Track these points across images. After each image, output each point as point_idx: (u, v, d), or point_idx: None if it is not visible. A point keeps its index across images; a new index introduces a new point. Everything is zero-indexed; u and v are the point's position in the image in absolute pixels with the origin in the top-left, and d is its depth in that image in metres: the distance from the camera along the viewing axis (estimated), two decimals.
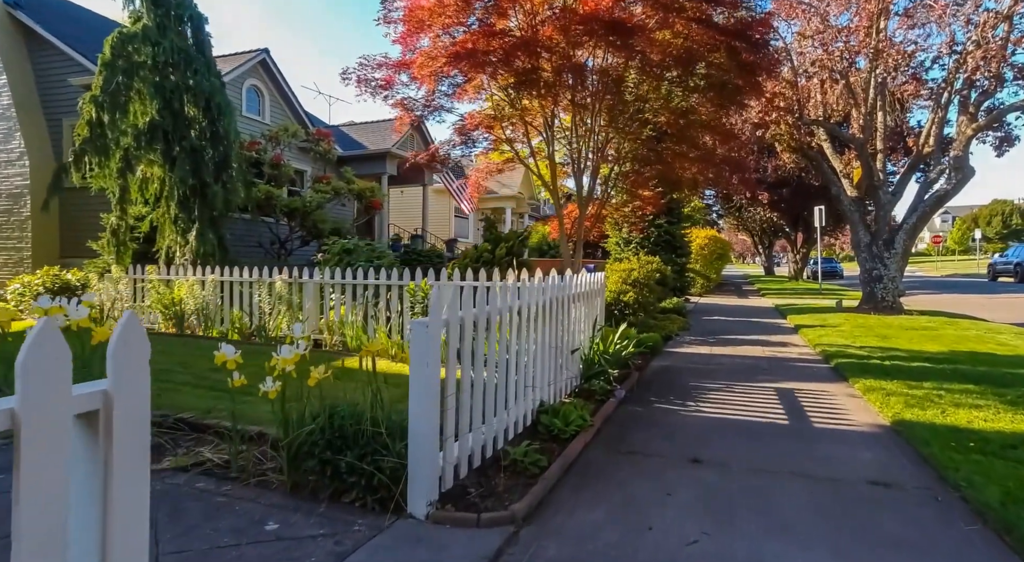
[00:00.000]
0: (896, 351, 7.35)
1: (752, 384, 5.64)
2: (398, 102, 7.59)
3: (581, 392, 5.00)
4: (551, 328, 4.36)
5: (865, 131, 12.29)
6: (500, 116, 7.25)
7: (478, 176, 8.46)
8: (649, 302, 9.17)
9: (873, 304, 12.12)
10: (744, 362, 6.94)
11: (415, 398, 2.60)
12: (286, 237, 12.73)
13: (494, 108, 7.38)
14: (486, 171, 8.47)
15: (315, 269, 7.37)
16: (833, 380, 5.91)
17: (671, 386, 5.56)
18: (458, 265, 6.94)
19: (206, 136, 9.01)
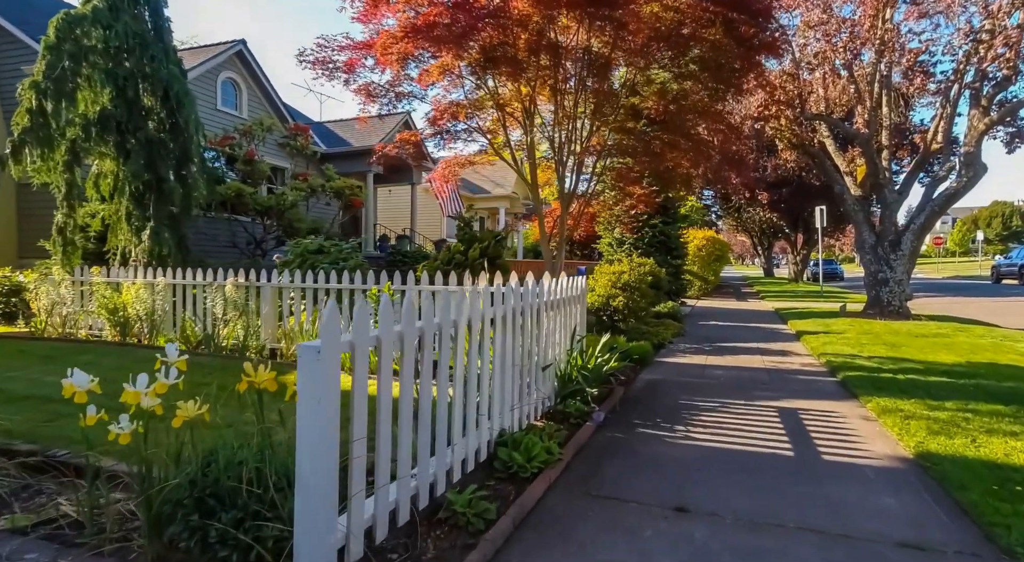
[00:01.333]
0: (908, 362, 6.72)
1: (750, 402, 5.01)
2: (361, 88, 6.95)
3: (554, 414, 4.36)
4: (515, 343, 3.72)
5: (870, 126, 11.67)
6: (470, 102, 6.59)
7: (446, 169, 7.78)
8: (640, 307, 8.54)
9: (879, 308, 11.49)
10: (742, 374, 6.31)
11: (304, 447, 1.96)
12: (261, 237, 12.09)
13: (466, 94, 6.72)
14: (455, 163, 7.78)
15: (274, 271, 6.74)
16: (841, 397, 5.28)
17: (659, 405, 4.92)
18: (427, 268, 6.30)
19: (165, 127, 8.37)
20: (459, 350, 2.95)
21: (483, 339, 3.27)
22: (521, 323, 3.89)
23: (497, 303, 3.44)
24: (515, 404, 3.73)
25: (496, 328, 3.43)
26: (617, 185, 8.46)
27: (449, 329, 2.85)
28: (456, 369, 2.95)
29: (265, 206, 11.04)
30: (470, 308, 3.11)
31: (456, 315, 2.94)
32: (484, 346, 3.28)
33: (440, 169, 7.79)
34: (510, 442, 3.40)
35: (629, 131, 6.77)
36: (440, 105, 6.77)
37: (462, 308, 2.97)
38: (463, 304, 2.97)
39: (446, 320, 2.81)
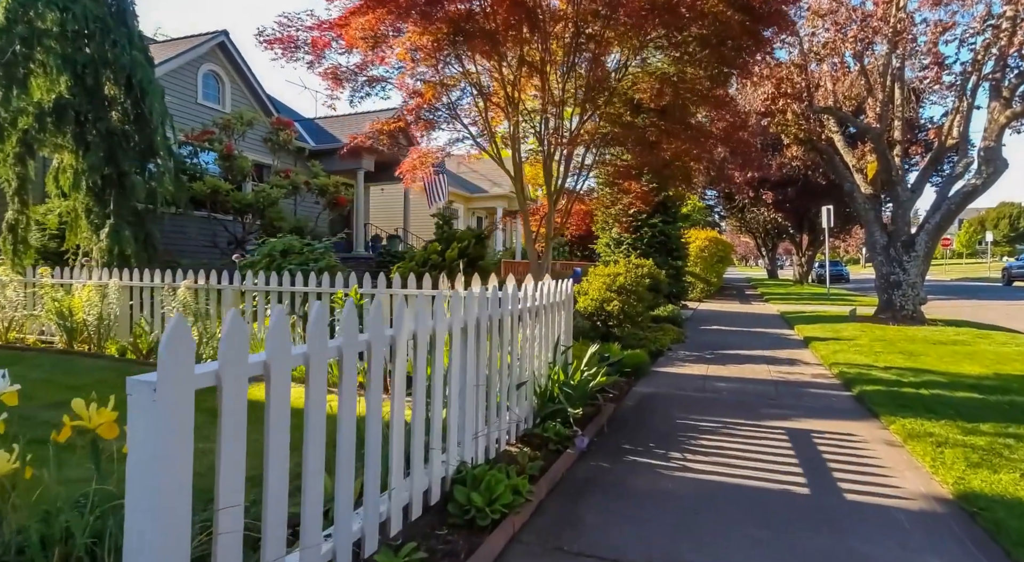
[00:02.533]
0: (930, 374, 6.12)
1: (757, 422, 4.43)
2: (328, 71, 6.39)
3: (531, 439, 3.79)
4: (480, 359, 3.15)
5: (882, 120, 11.06)
6: (442, 83, 5.97)
7: (415, 160, 7.16)
8: (637, 312, 7.96)
9: (891, 313, 10.88)
10: (746, 387, 5.73)
11: (136, 523, 1.39)
12: (242, 236, 11.55)
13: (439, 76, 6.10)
14: (426, 153, 7.18)
15: (236, 273, 6.19)
16: (859, 416, 4.69)
17: (653, 425, 4.34)
18: (399, 270, 5.75)
19: (129, 118, 7.84)
20: (397, 372, 2.38)
21: (434, 356, 2.70)
22: (490, 335, 3.32)
23: (455, 313, 2.87)
24: (480, 431, 3.16)
25: (454, 343, 2.86)
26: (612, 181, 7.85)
27: (382, 347, 2.28)
28: (394, 396, 2.38)
29: (244, 204, 10.49)
30: (416, 321, 2.54)
31: (394, 330, 2.37)
32: (437, 365, 2.71)
33: (410, 160, 7.18)
34: (470, 479, 2.83)
35: (622, 120, 6.13)
36: (408, 87, 6.17)
37: (401, 321, 2.40)
38: (401, 316, 2.40)
39: (379, 336, 2.24)
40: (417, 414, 2.53)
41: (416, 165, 6.90)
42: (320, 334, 1.94)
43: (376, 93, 6.77)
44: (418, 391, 2.53)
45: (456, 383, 2.88)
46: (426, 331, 2.58)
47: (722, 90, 6.42)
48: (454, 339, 2.86)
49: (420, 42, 5.27)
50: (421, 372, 2.55)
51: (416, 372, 2.53)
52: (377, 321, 2.23)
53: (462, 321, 2.97)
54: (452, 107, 6.50)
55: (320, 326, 1.97)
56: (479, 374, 3.16)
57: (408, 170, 6.92)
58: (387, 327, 2.37)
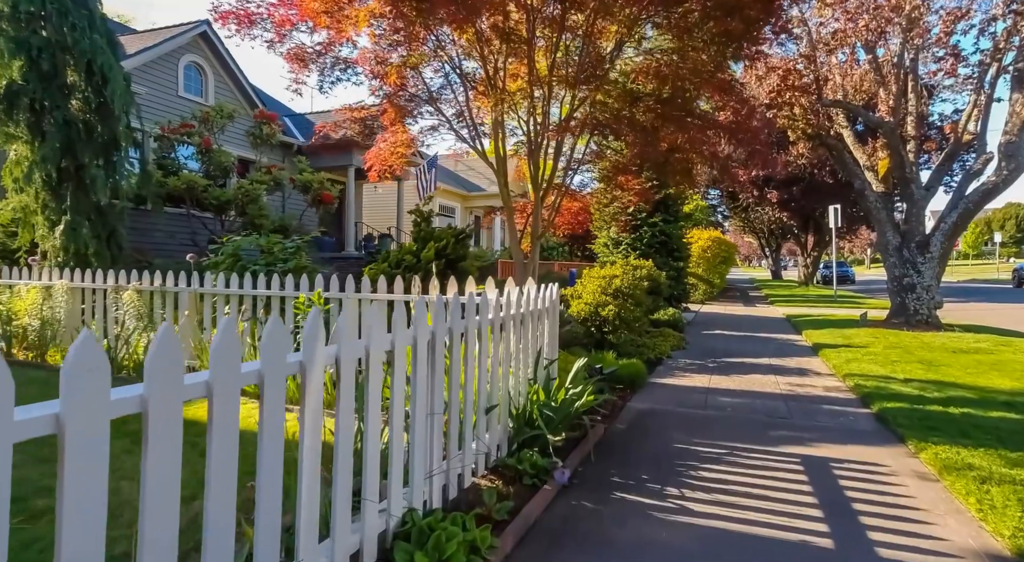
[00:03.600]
0: (956, 387, 5.56)
1: (766, 448, 3.87)
2: (293, 53, 5.83)
3: (504, 471, 3.24)
4: (435, 382, 2.61)
5: (895, 114, 10.48)
6: (410, 61, 5.39)
7: (382, 150, 6.53)
8: (635, 317, 7.40)
9: (904, 318, 10.30)
10: (754, 403, 5.17)
11: None
12: (222, 234, 11.02)
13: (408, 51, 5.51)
14: (397, 143, 6.57)
15: (193, 274, 5.66)
16: (883, 440, 4.13)
17: (648, 452, 3.79)
18: (370, 272, 5.22)
19: (91, 107, 7.32)
20: (308, 405, 1.84)
21: (367, 382, 2.16)
22: (450, 352, 2.79)
23: (397, 328, 2.33)
24: (435, 469, 2.62)
25: (396, 365, 2.32)
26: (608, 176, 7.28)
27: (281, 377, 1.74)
28: (304, 438, 1.83)
29: (223, 200, 9.97)
30: (340, 341, 2.00)
31: (305, 356, 1.82)
32: (371, 393, 2.16)
33: (376, 149, 6.58)
34: (416, 533, 2.29)
35: (616, 106, 5.52)
36: (372, 65, 5.56)
37: (315, 344, 1.85)
38: (315, 337, 1.85)
39: (270, 364, 1.70)
40: (340, 459, 1.99)
41: (386, 156, 6.29)
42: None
43: (348, 78, 6.22)
44: (342, 429, 1.99)
45: (399, 414, 2.34)
46: (352, 355, 2.03)
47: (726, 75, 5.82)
48: (396, 360, 2.32)
49: (382, 10, 4.68)
50: (345, 403, 2.01)
51: (339, 404, 1.99)
52: (280, 346, 1.69)
53: (409, 338, 2.43)
54: (428, 90, 5.93)
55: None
56: (434, 400, 2.61)
57: (375, 160, 6.32)
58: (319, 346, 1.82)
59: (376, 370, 2.17)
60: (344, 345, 1.99)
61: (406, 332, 2.41)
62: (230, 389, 1.54)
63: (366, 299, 5.00)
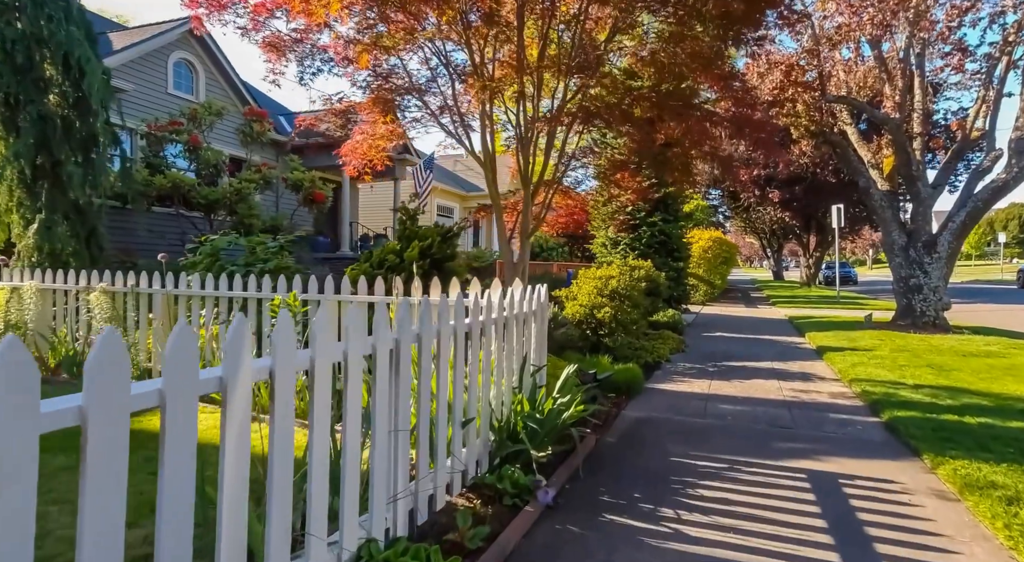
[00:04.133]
0: (970, 394, 5.27)
1: (770, 462, 3.59)
2: (268, 42, 5.54)
3: (483, 489, 2.97)
4: (399, 395, 2.34)
5: (901, 110, 10.19)
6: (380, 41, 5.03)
7: (357, 143, 6.16)
8: (632, 319, 7.13)
9: (911, 319, 10.01)
10: (756, 411, 4.89)
11: None
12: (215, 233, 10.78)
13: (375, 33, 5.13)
14: (374, 135, 6.22)
15: (169, 275, 5.40)
16: (895, 453, 3.85)
17: (642, 466, 3.51)
18: (351, 272, 4.95)
19: (69, 102, 7.06)
20: (231, 427, 1.56)
21: (313, 397, 1.88)
22: (419, 361, 2.52)
23: (352, 334, 2.05)
24: (399, 492, 2.35)
25: (347, 379, 2.04)
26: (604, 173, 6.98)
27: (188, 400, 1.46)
28: (226, 466, 1.56)
29: (211, 199, 9.71)
30: (275, 352, 1.72)
31: (226, 371, 1.55)
32: (318, 410, 1.89)
33: (352, 142, 6.20)
34: None
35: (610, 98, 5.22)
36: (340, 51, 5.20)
37: (236, 358, 1.57)
38: (237, 349, 1.57)
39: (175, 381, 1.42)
40: (276, 486, 1.71)
41: (364, 150, 5.95)
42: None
43: (329, 69, 5.90)
44: (278, 451, 1.71)
45: (354, 432, 2.06)
46: (290, 368, 1.76)
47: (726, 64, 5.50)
48: (350, 370, 2.04)
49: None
50: (282, 424, 1.73)
51: (273, 424, 1.71)
52: (185, 361, 1.42)
53: (366, 346, 2.15)
54: (408, 77, 5.61)
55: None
56: (398, 417, 2.34)
57: (351, 154, 5.99)
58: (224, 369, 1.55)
59: (323, 383, 1.90)
60: (280, 358, 1.72)
61: (364, 340, 2.14)
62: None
63: (345, 301, 4.73)
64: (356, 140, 6.09)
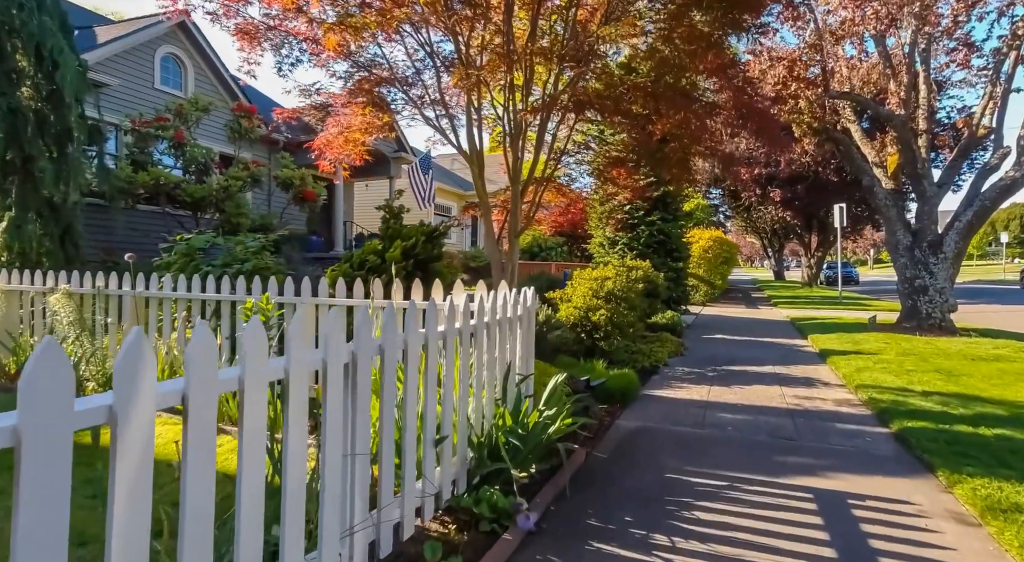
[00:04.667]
0: (983, 403, 5.00)
1: (773, 480, 3.33)
2: (240, 28, 5.24)
3: (458, 513, 2.71)
4: (353, 416, 2.07)
5: (906, 106, 9.92)
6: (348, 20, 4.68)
7: (331, 136, 5.79)
8: (628, 322, 6.87)
9: (916, 321, 9.74)
10: (757, 421, 4.63)
11: None
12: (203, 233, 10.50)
13: None
14: (347, 127, 5.83)
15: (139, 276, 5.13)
16: (908, 469, 3.58)
17: (634, 484, 3.25)
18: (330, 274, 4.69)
19: (42, 95, 6.79)
20: (122, 465, 1.29)
21: (243, 423, 1.62)
22: (380, 375, 2.26)
23: (295, 348, 1.78)
24: (356, 525, 2.08)
25: (288, 399, 1.77)
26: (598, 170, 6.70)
27: None
28: (116, 510, 1.29)
29: (197, 197, 9.45)
30: (189, 371, 1.45)
31: (118, 400, 1.28)
32: (248, 439, 1.62)
33: (326, 134, 5.83)
34: None
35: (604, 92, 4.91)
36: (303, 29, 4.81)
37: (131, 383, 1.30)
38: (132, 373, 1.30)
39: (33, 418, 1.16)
40: (188, 530, 1.44)
41: (341, 144, 5.62)
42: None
43: (308, 59, 5.60)
44: (191, 493, 1.44)
45: (296, 459, 1.79)
46: (211, 391, 1.49)
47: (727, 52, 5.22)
48: (292, 387, 1.77)
49: None
50: (196, 456, 1.46)
51: (186, 458, 1.44)
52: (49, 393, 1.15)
53: (317, 360, 1.89)
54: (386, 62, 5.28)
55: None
56: (355, 437, 2.07)
57: (324, 147, 5.66)
58: None
59: (255, 404, 1.63)
60: (194, 378, 1.45)
61: (311, 354, 1.87)
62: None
63: (323, 304, 4.47)
64: (331, 133, 5.75)
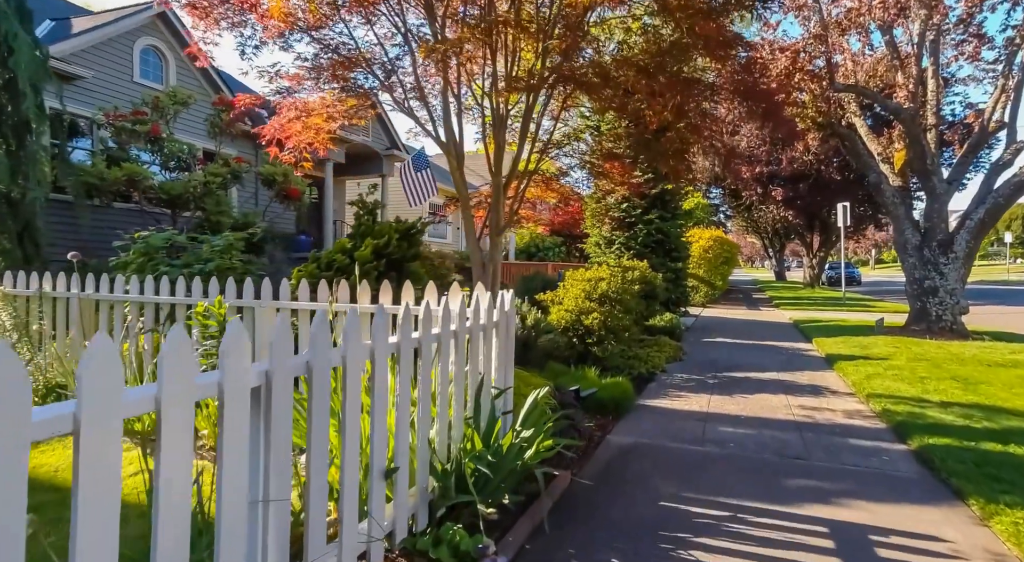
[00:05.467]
0: (1009, 415, 4.59)
1: (782, 509, 2.92)
2: (190, 2, 4.81)
3: (415, 557, 2.30)
4: (268, 451, 1.66)
5: (914, 99, 9.51)
6: None
7: (285, 121, 5.19)
8: (623, 325, 6.46)
9: (926, 324, 9.33)
10: (762, 435, 4.22)
11: None
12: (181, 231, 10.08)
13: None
14: (305, 109, 5.26)
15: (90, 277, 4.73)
16: (933, 495, 3.17)
17: (623, 516, 2.84)
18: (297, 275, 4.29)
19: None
20: None
21: (77, 479, 1.21)
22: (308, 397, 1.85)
23: (167, 373, 1.37)
24: None
25: (160, 431, 1.36)
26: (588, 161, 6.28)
27: None
28: None
29: (173, 194, 9.03)
30: None
31: None
32: (84, 497, 1.21)
33: (278, 119, 5.28)
34: None
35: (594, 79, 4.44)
36: None
37: None
38: None
39: None
40: None
41: (299, 130, 5.03)
42: None
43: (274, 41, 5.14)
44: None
45: (174, 516, 1.38)
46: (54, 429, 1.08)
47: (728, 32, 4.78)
48: (163, 422, 1.36)
49: None
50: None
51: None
52: None
53: (212, 387, 1.48)
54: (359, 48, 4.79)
55: None
56: (269, 479, 1.66)
57: (278, 134, 5.10)
58: None
59: (94, 443, 1.23)
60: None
61: (204, 380, 1.46)
62: None
63: (285, 308, 4.06)
64: (285, 118, 5.15)
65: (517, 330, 5.62)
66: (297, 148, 5.29)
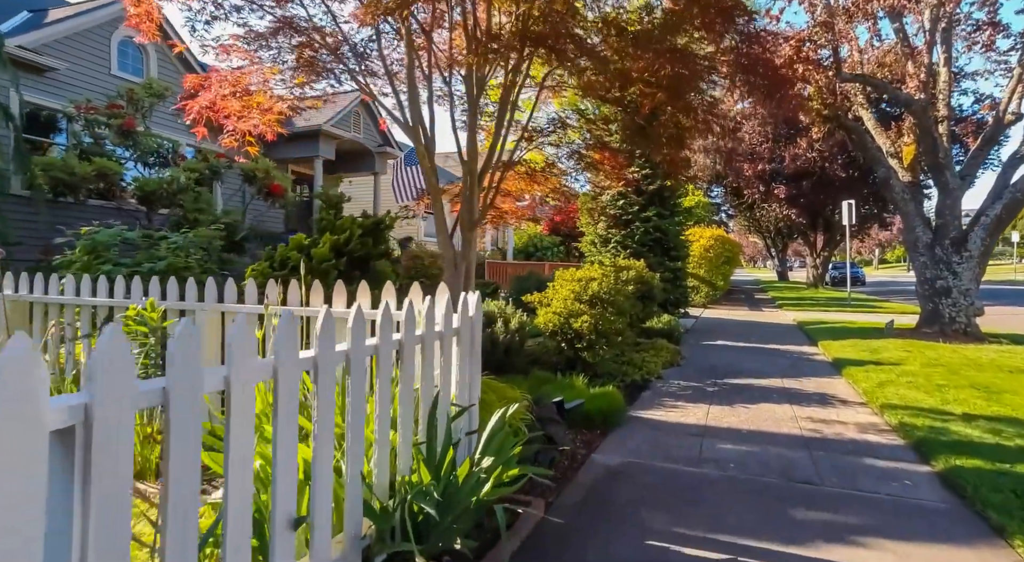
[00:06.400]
0: None
1: (791, 552, 2.47)
2: None
3: None
4: (106, 513, 1.22)
5: (925, 89, 9.04)
6: None
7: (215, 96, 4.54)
8: (616, 329, 6.01)
9: (939, 326, 8.85)
10: (766, 454, 3.76)
11: None
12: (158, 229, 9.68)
13: None
14: (233, 83, 4.60)
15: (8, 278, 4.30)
16: (968, 532, 2.71)
17: (601, 552, 2.39)
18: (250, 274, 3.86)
19: None
20: None
21: None
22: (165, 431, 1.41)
23: None
24: None
25: None
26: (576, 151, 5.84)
27: None
28: None
29: (147, 190, 8.61)
30: None
31: None
32: None
33: (207, 93, 4.64)
34: None
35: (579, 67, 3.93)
36: None
37: None
38: None
39: None
40: None
41: (239, 109, 4.42)
42: None
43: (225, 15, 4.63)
44: None
45: None
46: None
47: None
48: None
49: None
50: None
51: None
52: None
53: None
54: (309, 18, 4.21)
55: None
56: (97, 537, 1.22)
57: (201, 111, 4.46)
58: None
59: None
60: None
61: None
62: None
63: (231, 311, 3.63)
64: (215, 94, 4.44)
65: (500, 334, 5.18)
66: (238, 132, 4.79)
